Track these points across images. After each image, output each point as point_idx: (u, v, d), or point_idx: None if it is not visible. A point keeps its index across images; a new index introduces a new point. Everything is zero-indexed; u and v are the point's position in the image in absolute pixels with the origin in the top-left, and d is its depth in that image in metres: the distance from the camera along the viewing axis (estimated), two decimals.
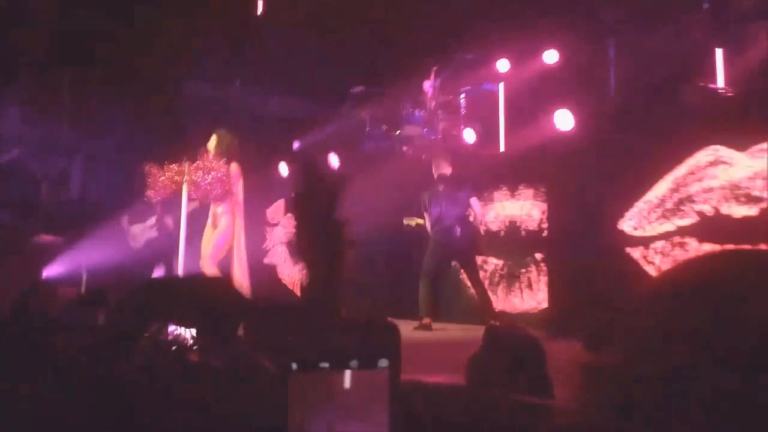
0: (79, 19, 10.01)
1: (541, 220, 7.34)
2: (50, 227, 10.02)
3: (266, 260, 10.48)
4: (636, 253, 6.33)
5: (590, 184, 6.61)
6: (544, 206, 7.31)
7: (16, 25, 10.52)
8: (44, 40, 10.57)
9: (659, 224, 6.21)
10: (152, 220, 9.17)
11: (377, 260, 8.74)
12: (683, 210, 6.04)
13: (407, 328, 6.83)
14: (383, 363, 0.85)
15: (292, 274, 9.74)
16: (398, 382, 0.85)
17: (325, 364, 0.84)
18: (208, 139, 7.03)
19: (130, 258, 8.68)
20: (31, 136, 11.41)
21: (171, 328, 2.13)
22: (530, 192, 7.50)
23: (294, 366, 0.83)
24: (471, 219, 7.29)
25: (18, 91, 11.31)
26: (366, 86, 9.02)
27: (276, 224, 10.32)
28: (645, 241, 6.29)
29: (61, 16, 10.19)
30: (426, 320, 6.96)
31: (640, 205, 6.34)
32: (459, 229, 7.10)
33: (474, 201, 7.29)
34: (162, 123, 10.28)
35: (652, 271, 6.12)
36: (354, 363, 0.85)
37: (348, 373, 0.85)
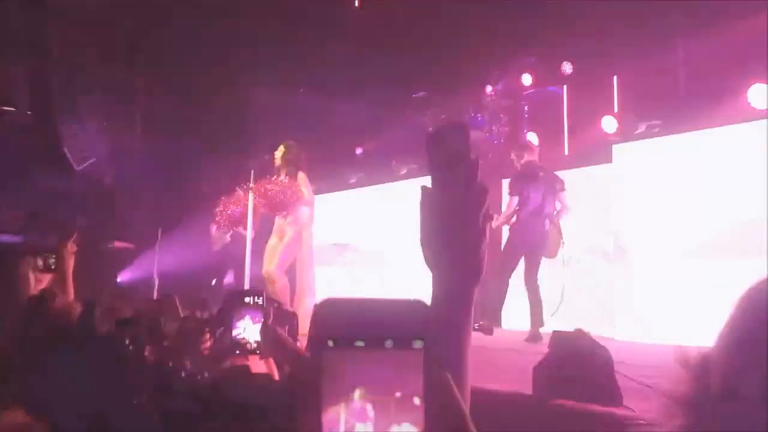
0: (146, 28, 10.37)
1: None
2: (124, 233, 10.39)
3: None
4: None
5: None
6: None
7: (87, 35, 10.98)
8: (115, 49, 10.98)
9: None
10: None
11: None
12: None
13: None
14: (418, 344, 0.86)
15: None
16: (431, 363, 0.86)
17: (361, 343, 0.85)
18: (274, 148, 7.08)
19: (201, 264, 8.90)
20: (105, 144, 11.85)
21: (235, 331, 2.20)
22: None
23: (330, 343, 0.85)
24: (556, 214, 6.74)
25: (93, 100, 11.76)
26: (428, 91, 9.03)
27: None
28: None
29: (129, 24, 10.55)
30: (486, 322, 6.47)
31: None
32: (548, 223, 6.60)
33: (564, 195, 6.71)
34: (230, 130, 10.54)
35: None
36: (389, 343, 0.86)
37: (383, 353, 0.86)
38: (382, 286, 9.12)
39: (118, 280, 9.41)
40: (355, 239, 9.85)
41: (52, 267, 3.49)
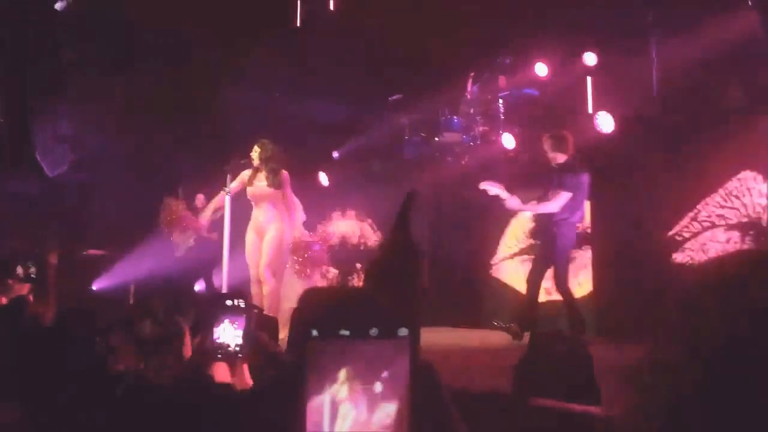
0: (125, 30, 10.29)
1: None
2: (98, 240, 10.27)
3: None
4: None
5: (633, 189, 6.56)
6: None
7: (65, 36, 10.87)
8: (92, 51, 10.89)
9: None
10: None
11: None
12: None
13: (449, 336, 6.82)
14: (403, 332, 0.85)
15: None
16: (417, 351, 0.85)
17: (345, 332, 0.85)
18: (249, 149, 7.07)
19: (174, 269, 8.81)
20: (79, 148, 11.72)
21: (215, 335, 2.19)
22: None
23: (314, 333, 0.84)
24: None
25: (66, 104, 11.63)
26: (404, 93, 9.04)
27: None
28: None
29: (109, 27, 10.47)
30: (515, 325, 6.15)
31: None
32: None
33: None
34: (205, 132, 10.47)
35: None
36: (374, 331, 0.85)
37: (368, 342, 0.86)
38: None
39: (94, 287, 9.28)
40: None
41: (32, 276, 3.44)
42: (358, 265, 9.25)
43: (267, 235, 6.78)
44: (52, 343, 2.36)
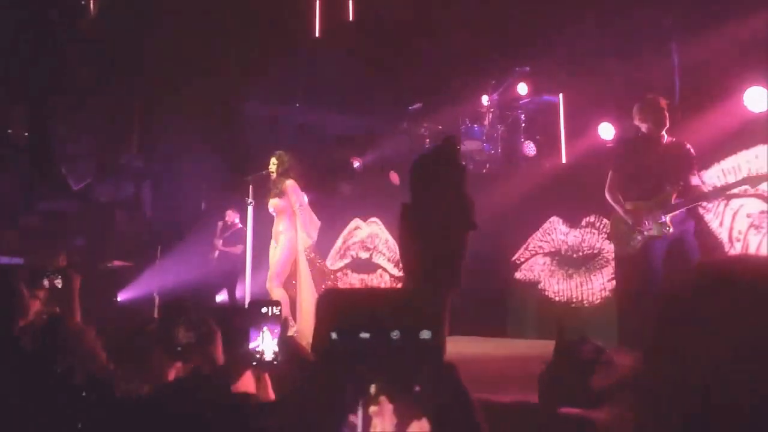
0: (140, 44, 10.43)
1: None
2: (122, 252, 10.38)
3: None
4: None
5: None
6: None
7: (82, 55, 11.03)
8: (109, 68, 11.05)
9: None
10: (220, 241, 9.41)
11: None
12: None
13: (471, 345, 6.79)
14: (426, 334, 0.83)
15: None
16: (441, 354, 0.83)
17: (366, 335, 0.83)
18: (269, 160, 7.16)
19: (201, 282, 8.89)
20: (102, 163, 11.87)
21: (253, 343, 2.17)
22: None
23: (334, 336, 0.82)
24: None
25: (89, 119, 11.80)
26: (424, 102, 9.05)
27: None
28: None
29: (123, 42, 10.62)
30: None
31: None
32: None
33: None
34: (225, 145, 10.55)
35: None
36: (395, 333, 0.83)
37: (390, 346, 0.83)
38: None
39: (118, 298, 9.38)
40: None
41: (58, 287, 3.48)
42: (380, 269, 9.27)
43: (279, 244, 6.95)
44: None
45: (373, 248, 9.56)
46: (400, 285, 8.08)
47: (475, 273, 8.22)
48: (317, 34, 10.18)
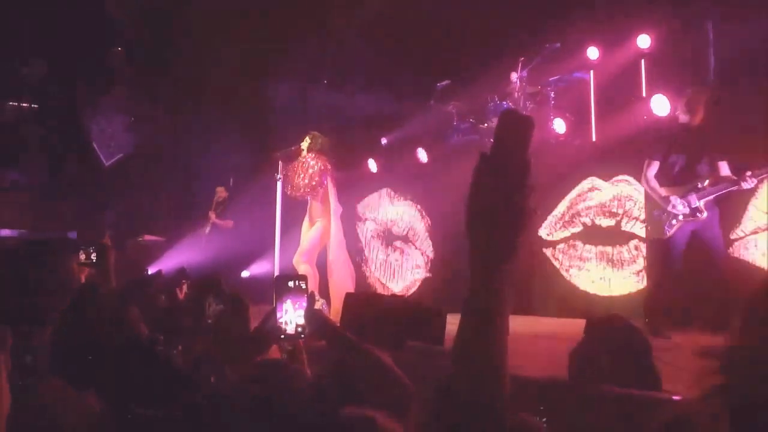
0: (165, 28, 10.49)
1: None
2: (152, 227, 10.54)
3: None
4: None
5: None
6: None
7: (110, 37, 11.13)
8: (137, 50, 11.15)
9: None
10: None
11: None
12: None
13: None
14: (438, 346, 0.87)
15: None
16: (444, 365, 0.85)
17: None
18: (299, 139, 7.20)
19: (229, 257, 9.02)
20: (130, 142, 12.03)
21: (278, 315, 2.17)
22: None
23: None
24: None
25: (118, 100, 11.94)
26: (452, 80, 8.98)
27: (366, 219, 10.43)
28: None
29: (148, 25, 10.70)
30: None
31: None
32: None
33: None
34: (252, 125, 10.60)
35: None
36: (404, 345, 0.86)
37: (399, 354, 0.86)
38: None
39: (148, 271, 9.52)
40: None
41: (93, 260, 3.57)
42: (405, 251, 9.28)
43: (315, 226, 7.07)
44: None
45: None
46: None
47: None
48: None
